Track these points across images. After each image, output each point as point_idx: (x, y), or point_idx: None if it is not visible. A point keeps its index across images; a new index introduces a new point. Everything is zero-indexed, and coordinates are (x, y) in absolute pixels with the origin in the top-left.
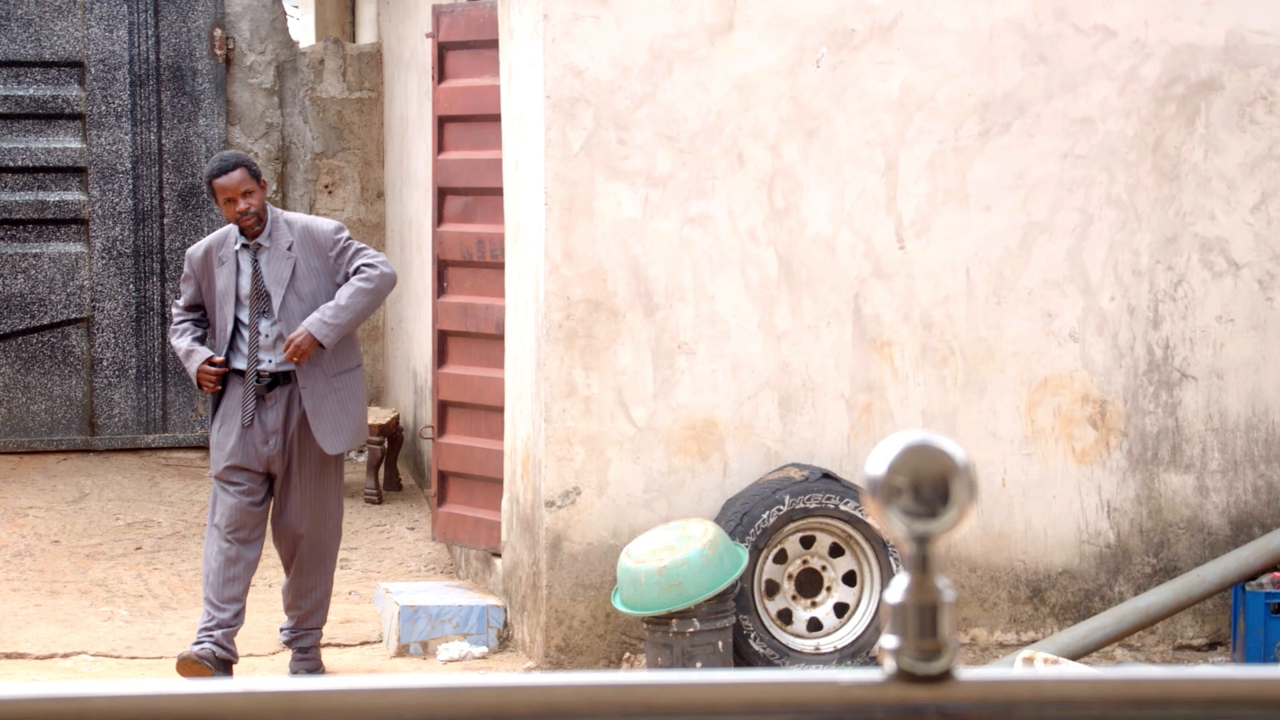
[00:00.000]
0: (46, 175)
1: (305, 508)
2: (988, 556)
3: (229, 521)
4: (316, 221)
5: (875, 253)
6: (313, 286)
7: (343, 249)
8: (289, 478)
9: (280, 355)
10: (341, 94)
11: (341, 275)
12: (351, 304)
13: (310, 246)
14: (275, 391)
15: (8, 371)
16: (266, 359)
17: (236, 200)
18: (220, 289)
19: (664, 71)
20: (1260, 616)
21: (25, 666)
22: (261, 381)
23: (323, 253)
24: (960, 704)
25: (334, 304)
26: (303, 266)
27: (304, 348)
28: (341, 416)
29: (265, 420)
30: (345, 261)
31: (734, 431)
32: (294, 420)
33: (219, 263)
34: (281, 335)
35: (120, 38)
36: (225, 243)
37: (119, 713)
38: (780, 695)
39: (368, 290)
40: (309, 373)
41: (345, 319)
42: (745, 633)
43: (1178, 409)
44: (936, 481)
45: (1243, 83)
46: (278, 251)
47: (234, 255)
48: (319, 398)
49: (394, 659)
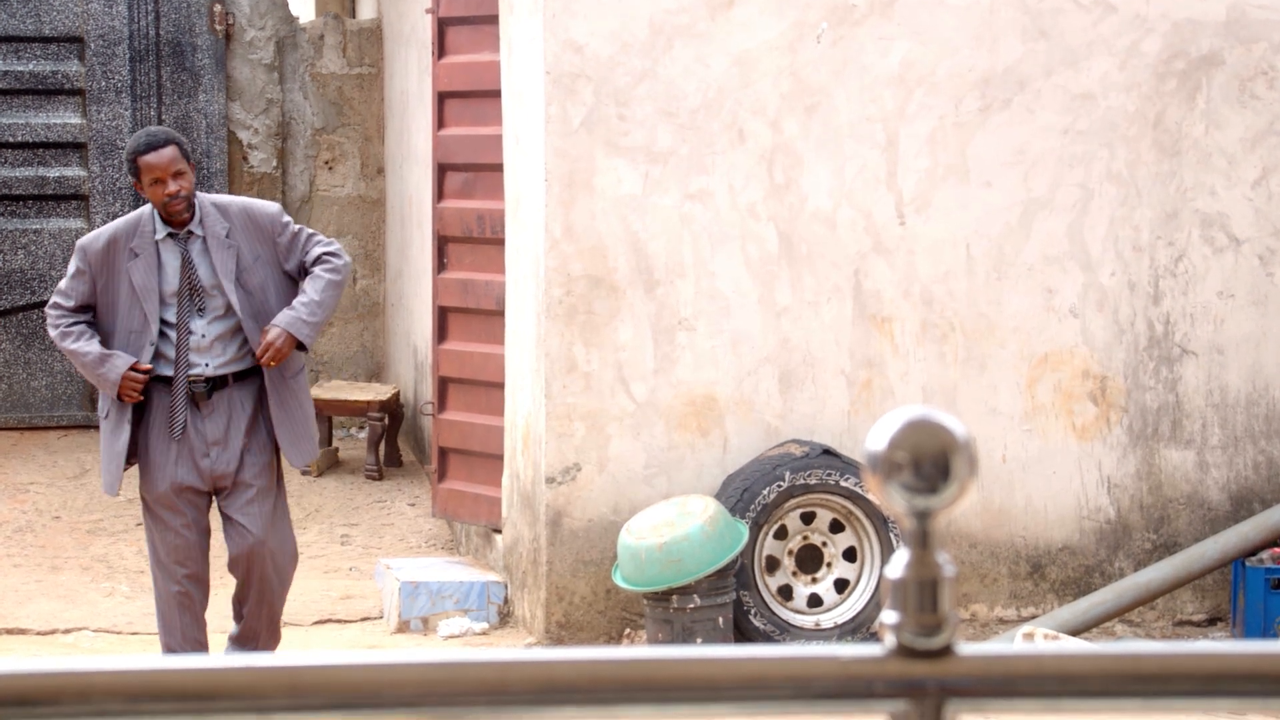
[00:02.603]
0: (46, 151)
1: (258, 522)
2: (988, 532)
3: (177, 557)
4: (254, 204)
5: (875, 228)
6: (260, 278)
7: (294, 235)
8: (238, 492)
9: (218, 358)
10: (341, 70)
11: (294, 264)
12: (325, 299)
13: (252, 232)
14: (214, 398)
15: (8, 347)
16: (201, 363)
17: (166, 181)
18: (138, 285)
19: (664, 47)
20: (1260, 592)
21: (26, 642)
22: (199, 388)
23: (267, 239)
24: (960, 679)
25: (306, 299)
26: (246, 255)
27: (283, 349)
28: (304, 424)
29: (204, 430)
30: (298, 250)
31: (734, 407)
32: (239, 428)
33: (130, 255)
34: (222, 336)
35: (120, 13)
36: (138, 232)
37: (120, 688)
38: (780, 671)
39: (336, 283)
40: (272, 377)
41: (322, 316)
42: (745, 609)
43: (1178, 384)
44: (937, 457)
45: (1244, 58)
46: (215, 240)
47: (153, 246)
48: (282, 404)
49: (394, 635)
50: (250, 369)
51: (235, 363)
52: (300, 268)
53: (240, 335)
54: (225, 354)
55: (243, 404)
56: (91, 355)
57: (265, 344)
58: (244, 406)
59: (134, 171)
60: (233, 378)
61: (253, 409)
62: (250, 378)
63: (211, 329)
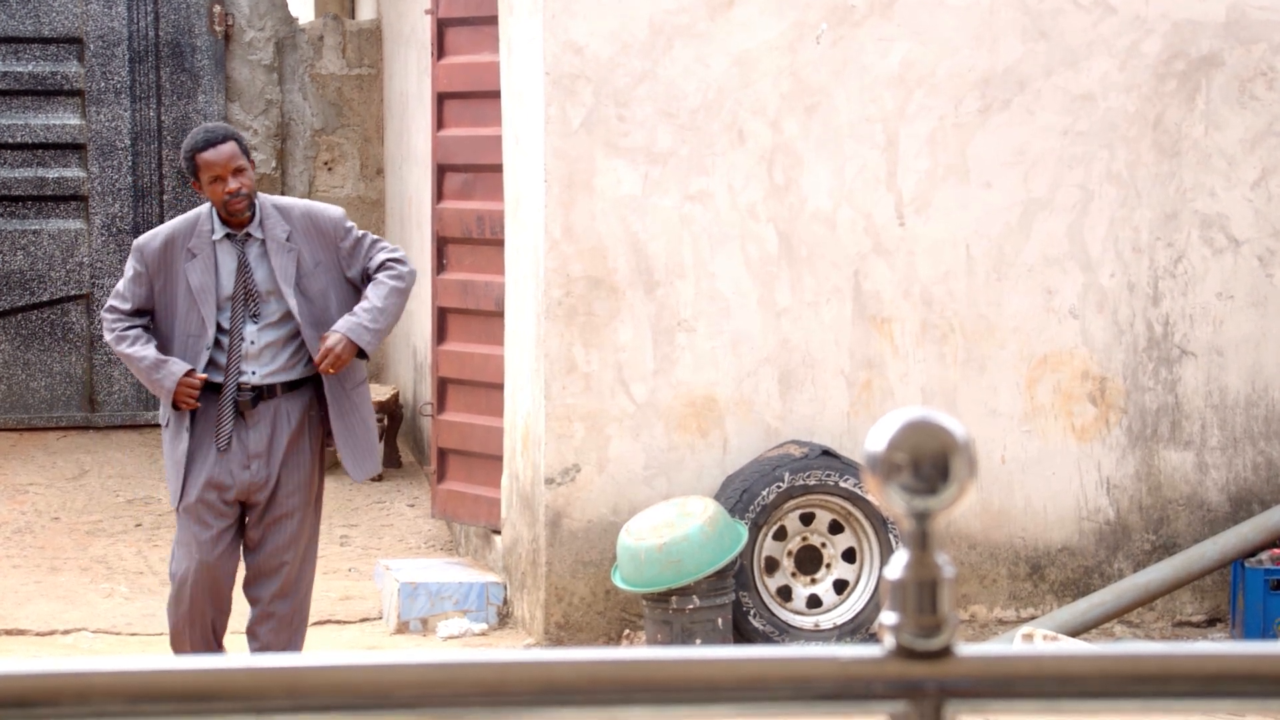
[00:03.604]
0: (46, 152)
1: (287, 544)
2: (987, 533)
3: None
4: (317, 207)
5: (875, 229)
6: (321, 284)
7: (356, 241)
8: (270, 509)
9: (266, 366)
10: (341, 70)
11: (357, 271)
12: (388, 305)
13: (314, 237)
14: (260, 408)
15: (7, 348)
16: (250, 370)
17: (225, 179)
18: (196, 288)
19: (664, 47)
20: (1259, 593)
21: (25, 643)
22: (244, 397)
23: (330, 244)
24: (959, 680)
25: (369, 305)
26: (307, 260)
27: (343, 356)
28: (366, 437)
29: (247, 442)
30: (361, 255)
31: (734, 408)
32: (281, 442)
33: (187, 256)
34: (273, 344)
35: (119, 14)
36: (195, 232)
37: (119, 689)
38: (780, 671)
39: (401, 290)
40: (333, 389)
41: (385, 323)
42: (745, 609)
43: (1177, 385)
44: (936, 458)
45: (1244, 58)
46: (275, 243)
47: (210, 246)
48: (343, 416)
49: (394, 636)
50: (300, 380)
51: (283, 372)
52: (364, 274)
53: (292, 344)
54: (274, 362)
55: (289, 416)
56: (147, 360)
57: (324, 349)
58: (289, 419)
59: (192, 170)
60: (281, 388)
61: (299, 422)
62: (300, 389)
63: (262, 336)
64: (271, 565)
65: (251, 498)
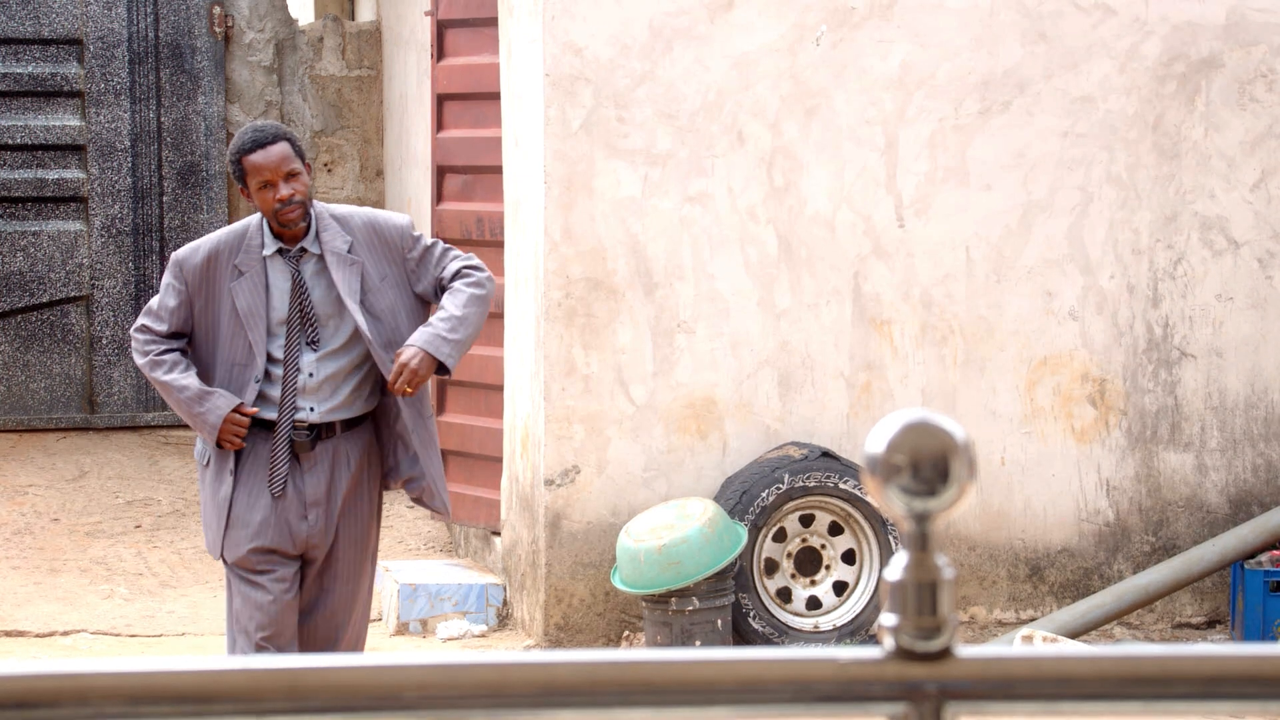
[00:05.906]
0: (45, 153)
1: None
2: (987, 535)
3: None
4: (381, 215)
5: (875, 231)
6: (389, 300)
7: (425, 250)
8: (330, 565)
9: (325, 402)
10: (341, 72)
11: (427, 284)
12: (467, 314)
13: (378, 248)
14: (318, 449)
15: (7, 350)
16: (307, 406)
17: (277, 184)
18: (244, 310)
19: (664, 49)
20: (1259, 594)
21: (25, 644)
22: (301, 436)
23: (396, 256)
24: (959, 682)
25: (446, 314)
26: (372, 275)
27: (420, 371)
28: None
29: (303, 488)
30: (432, 266)
31: (733, 410)
32: (339, 487)
33: (234, 274)
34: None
35: (119, 15)
36: (244, 246)
37: (119, 691)
38: (779, 673)
39: (480, 298)
40: (413, 415)
41: (465, 333)
42: (744, 611)
43: (1177, 387)
44: (936, 459)
45: (1243, 61)
46: (334, 256)
47: (261, 264)
48: (425, 445)
49: (393, 637)
50: (360, 417)
51: (344, 409)
52: (436, 286)
53: (355, 376)
54: (335, 398)
55: (349, 458)
56: (189, 392)
57: (399, 366)
58: (349, 462)
59: (239, 175)
60: (341, 425)
61: (358, 465)
62: (359, 427)
63: (322, 367)
64: (327, 632)
65: (309, 553)
